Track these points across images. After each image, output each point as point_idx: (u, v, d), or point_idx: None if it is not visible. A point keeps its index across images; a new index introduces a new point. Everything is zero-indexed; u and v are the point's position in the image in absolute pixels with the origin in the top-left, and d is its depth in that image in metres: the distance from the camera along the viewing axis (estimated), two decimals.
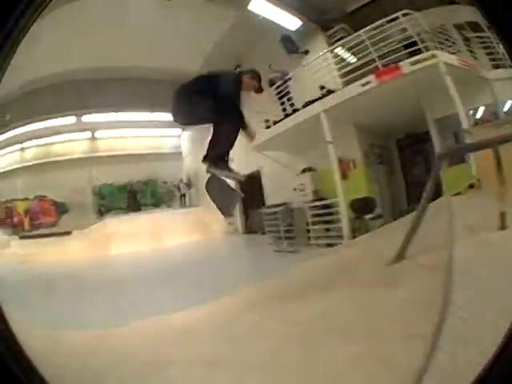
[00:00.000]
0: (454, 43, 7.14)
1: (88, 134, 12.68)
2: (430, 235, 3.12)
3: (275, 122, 8.44)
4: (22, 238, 11.83)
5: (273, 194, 9.72)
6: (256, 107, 8.08)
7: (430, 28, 6.68)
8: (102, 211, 12.57)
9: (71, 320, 4.75)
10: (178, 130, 13.77)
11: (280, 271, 5.30)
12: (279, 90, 8.46)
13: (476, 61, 7.02)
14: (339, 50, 7.85)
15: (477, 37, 7.32)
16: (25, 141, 12.29)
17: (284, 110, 8.51)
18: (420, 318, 2.02)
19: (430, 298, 2.16)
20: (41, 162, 12.26)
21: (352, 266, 3.65)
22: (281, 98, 8.53)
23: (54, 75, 10.12)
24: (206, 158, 3.92)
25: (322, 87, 7.71)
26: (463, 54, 6.92)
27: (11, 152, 12.52)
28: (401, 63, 6.31)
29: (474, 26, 7.18)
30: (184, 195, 13.25)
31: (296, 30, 8.87)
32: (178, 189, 13.32)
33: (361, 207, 7.12)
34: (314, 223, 7.84)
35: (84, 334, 3.30)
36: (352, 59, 7.61)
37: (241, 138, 8.41)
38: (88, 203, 12.54)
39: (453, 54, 6.59)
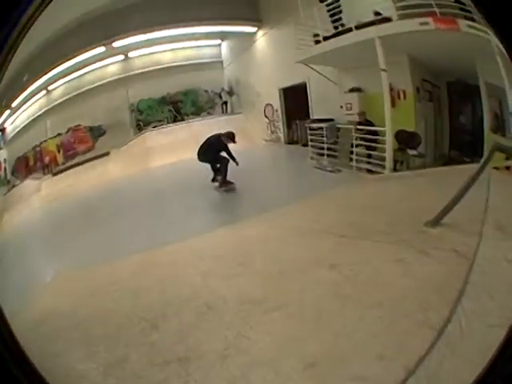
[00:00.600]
0: None
1: (121, 56, 12.24)
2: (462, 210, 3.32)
3: (325, 38, 8.18)
4: (55, 174, 12.05)
5: (318, 109, 9.76)
6: (306, 21, 8.30)
7: None
8: (141, 126, 12.69)
9: (110, 246, 5.65)
10: (217, 41, 13.27)
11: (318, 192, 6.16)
12: (331, 6, 8.03)
13: None
14: None
15: None
16: (50, 84, 11.92)
17: (336, 28, 8.16)
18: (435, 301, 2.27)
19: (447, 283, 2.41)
20: (71, 96, 12.05)
21: (390, 215, 4.13)
22: (332, 15, 8.12)
23: (77, 19, 9.75)
24: (214, 180, 8.40)
25: (377, 13, 7.32)
26: None
27: (36, 100, 12.13)
28: (459, 20, 6.10)
29: None
30: (226, 103, 13.20)
31: None
32: (220, 97, 13.20)
33: (406, 140, 7.34)
34: (357, 146, 8.07)
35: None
36: None
37: (284, 51, 8.10)
38: (125, 121, 12.60)
39: None
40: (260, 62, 11.77)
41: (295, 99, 10.41)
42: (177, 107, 13.10)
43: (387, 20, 7.08)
